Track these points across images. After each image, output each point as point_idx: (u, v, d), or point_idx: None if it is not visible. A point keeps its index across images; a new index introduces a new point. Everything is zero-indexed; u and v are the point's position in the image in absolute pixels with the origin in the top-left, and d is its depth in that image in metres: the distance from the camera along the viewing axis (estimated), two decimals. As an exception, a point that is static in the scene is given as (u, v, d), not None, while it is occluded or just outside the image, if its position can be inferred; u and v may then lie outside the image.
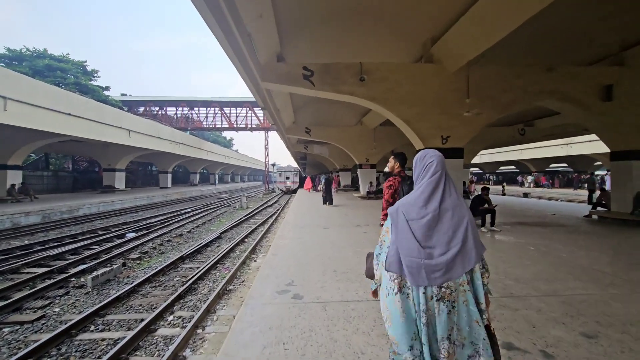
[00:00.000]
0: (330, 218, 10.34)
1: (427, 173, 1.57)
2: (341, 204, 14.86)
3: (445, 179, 1.56)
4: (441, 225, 1.47)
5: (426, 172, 1.58)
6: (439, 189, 1.53)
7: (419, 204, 1.51)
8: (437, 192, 1.52)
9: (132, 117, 22.54)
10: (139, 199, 23.67)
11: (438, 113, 8.45)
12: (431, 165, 1.58)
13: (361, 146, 18.67)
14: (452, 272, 1.42)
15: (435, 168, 1.57)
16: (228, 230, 12.44)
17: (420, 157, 1.68)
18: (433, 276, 1.42)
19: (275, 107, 11.48)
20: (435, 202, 1.49)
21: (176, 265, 7.72)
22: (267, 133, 38.46)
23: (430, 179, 1.54)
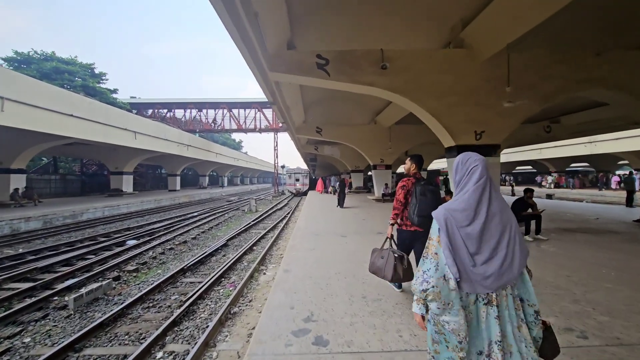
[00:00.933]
0: (346, 224, 9.38)
1: (472, 178, 1.55)
2: (356, 207, 13.88)
3: (490, 183, 1.54)
4: (489, 231, 1.47)
5: (470, 177, 1.56)
6: (486, 194, 1.51)
7: (467, 210, 1.50)
8: (484, 197, 1.51)
9: (138, 118, 21.95)
10: (145, 202, 23.06)
11: (470, 105, 7.43)
12: (476, 170, 1.56)
13: (375, 146, 17.65)
14: (505, 277, 1.43)
15: (481, 173, 1.55)
16: (235, 237, 11.56)
17: (462, 161, 1.65)
18: (484, 283, 1.43)
19: (285, 103, 10.58)
20: (484, 208, 1.49)
21: (175, 279, 6.85)
22: (277, 134, 37.70)
23: (477, 184, 1.52)
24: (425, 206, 3.20)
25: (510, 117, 7.49)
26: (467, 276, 1.44)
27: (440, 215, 1.54)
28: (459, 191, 1.59)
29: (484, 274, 1.42)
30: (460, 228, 1.48)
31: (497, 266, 1.42)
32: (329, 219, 10.52)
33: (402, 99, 7.60)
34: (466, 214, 1.49)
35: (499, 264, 1.42)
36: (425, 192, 3.28)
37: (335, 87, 7.94)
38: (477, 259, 1.44)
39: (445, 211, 1.54)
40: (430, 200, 3.21)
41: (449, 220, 1.51)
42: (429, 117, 7.61)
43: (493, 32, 6.65)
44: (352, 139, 17.80)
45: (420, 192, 3.30)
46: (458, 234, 1.48)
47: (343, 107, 16.82)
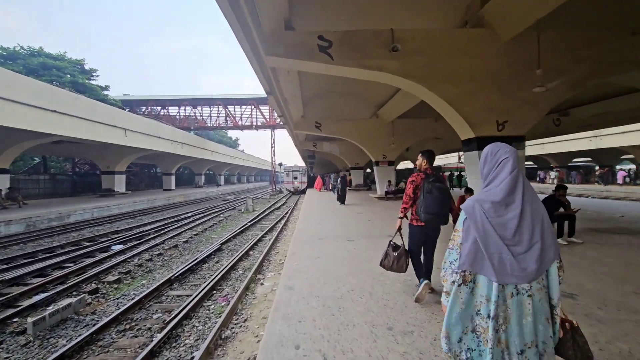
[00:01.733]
0: (350, 225, 8.56)
1: (503, 170, 1.52)
2: (358, 206, 13.07)
3: (522, 175, 1.52)
4: (523, 222, 1.44)
5: (501, 169, 1.53)
6: (519, 185, 1.49)
7: (500, 202, 1.48)
8: (518, 188, 1.49)
9: (128, 115, 21.00)
10: (138, 202, 22.15)
11: (491, 92, 6.61)
12: (507, 162, 1.53)
13: (377, 141, 16.82)
14: (541, 269, 1.41)
15: (513, 165, 1.52)
16: (230, 240, 10.72)
17: (491, 152, 1.61)
18: (522, 274, 1.40)
19: (283, 95, 9.73)
20: (518, 199, 1.47)
21: (160, 292, 6.01)
22: (274, 131, 36.82)
23: (510, 175, 1.49)
24: (431, 204, 3.26)
25: (536, 105, 6.68)
26: (497, 267, 1.42)
27: (469, 206, 1.53)
28: (489, 183, 1.57)
29: (522, 265, 1.41)
30: (492, 219, 1.46)
31: (535, 257, 1.41)
32: (331, 219, 9.70)
33: (414, 86, 6.77)
34: (499, 205, 1.47)
35: (537, 255, 1.41)
36: (432, 190, 3.29)
37: (340, 73, 7.09)
38: (514, 249, 1.43)
39: (474, 203, 1.53)
40: (436, 198, 3.26)
41: (477, 210, 1.50)
42: (445, 106, 6.78)
43: (518, 7, 5.83)
44: (353, 134, 16.96)
45: (427, 189, 3.30)
46: (490, 226, 1.46)
47: (343, 101, 15.99)
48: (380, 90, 13.83)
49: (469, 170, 7.25)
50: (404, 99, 13.01)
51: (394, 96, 13.42)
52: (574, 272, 4.25)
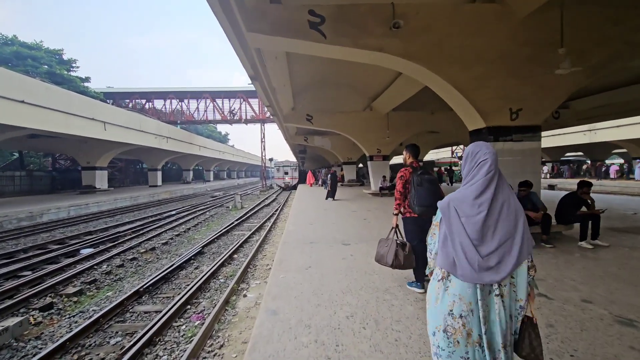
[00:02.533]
0: (345, 225, 7.78)
1: (481, 170, 1.54)
2: (351, 202, 12.31)
3: (498, 176, 1.55)
4: (491, 222, 1.47)
5: (479, 169, 1.55)
6: (492, 186, 1.51)
7: (472, 201, 1.51)
8: (489, 190, 1.51)
9: (108, 107, 19.80)
10: (120, 200, 21.03)
11: (504, 76, 5.86)
12: (485, 163, 1.54)
13: (371, 135, 16.03)
14: (504, 269, 1.43)
15: (490, 167, 1.53)
16: (214, 241, 9.86)
17: (472, 152, 1.63)
18: (486, 273, 1.43)
19: (270, 83, 8.82)
20: (490, 200, 1.49)
21: (125, 307, 5.15)
22: (264, 125, 35.71)
23: (485, 177, 1.52)
24: (423, 195, 3.32)
25: (553, 91, 5.96)
26: (463, 265, 1.46)
27: (444, 204, 1.59)
28: (467, 182, 1.59)
29: (489, 264, 1.44)
30: (464, 217, 1.51)
31: (501, 257, 1.44)
32: (324, 218, 8.90)
33: (418, 69, 5.97)
34: (471, 204, 1.51)
35: (504, 255, 1.44)
36: (422, 182, 3.36)
37: (333, 55, 6.24)
38: (482, 249, 1.46)
39: (449, 201, 1.59)
40: (428, 190, 3.33)
41: (451, 208, 1.55)
42: (452, 92, 6.01)
43: (537, -22, 5.07)
44: (346, 127, 16.14)
45: (417, 182, 3.38)
46: (459, 222, 1.51)
47: (336, 93, 15.18)
48: (374, 81, 13.06)
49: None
50: (399, 90, 12.28)
51: (389, 87, 12.66)
52: (620, 287, 3.55)
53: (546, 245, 5.22)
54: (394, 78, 11.47)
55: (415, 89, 11.53)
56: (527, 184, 5.33)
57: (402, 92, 12.18)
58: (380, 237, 3.78)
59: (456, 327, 1.46)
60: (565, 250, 5.06)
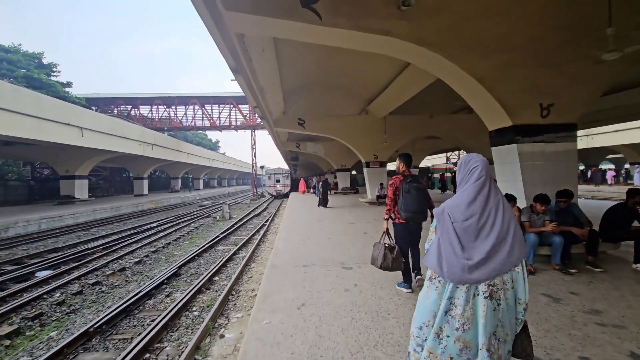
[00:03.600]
0: (344, 242, 6.72)
1: (472, 177, 1.65)
2: (349, 213, 11.26)
3: (489, 182, 1.64)
4: (486, 226, 1.54)
5: (470, 176, 1.66)
6: (483, 192, 1.60)
7: (463, 206, 1.60)
8: (481, 195, 1.59)
9: (85, 112, 18.48)
10: (100, 211, 19.68)
11: (534, 65, 4.93)
12: (475, 170, 1.65)
13: (368, 140, 15.08)
14: (496, 270, 1.48)
15: (480, 173, 1.64)
16: (195, 258, 8.71)
17: (464, 162, 1.75)
18: (473, 275, 1.49)
19: (257, 79, 7.76)
20: (479, 205, 1.57)
21: (65, 357, 4.01)
22: (254, 132, 34.65)
23: (475, 183, 1.62)
24: (410, 202, 3.52)
25: (589, 84, 5.06)
26: (456, 268, 1.52)
27: (439, 211, 1.70)
28: (460, 189, 1.70)
29: (474, 266, 1.49)
30: (456, 223, 1.59)
31: (491, 259, 1.49)
32: (319, 233, 7.84)
33: (431, 58, 5.00)
34: (463, 209, 1.59)
35: (494, 257, 1.49)
36: (410, 190, 3.54)
37: (330, 41, 5.24)
38: (473, 252, 1.52)
39: (444, 206, 1.68)
40: (414, 197, 3.52)
41: (445, 214, 1.65)
42: (470, 83, 5.06)
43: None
44: (341, 132, 15.17)
45: (406, 189, 3.57)
46: (452, 227, 1.59)
47: (329, 96, 14.26)
48: (371, 82, 12.19)
49: (500, 170, 5.53)
50: (397, 92, 11.44)
51: (386, 88, 11.80)
52: None
53: (594, 269, 4.24)
54: (392, 78, 10.61)
55: (414, 91, 10.69)
56: (567, 194, 4.37)
57: (401, 94, 11.34)
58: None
59: (441, 325, 1.55)
60: (619, 275, 4.09)
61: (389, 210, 3.77)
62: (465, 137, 15.53)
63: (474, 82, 4.96)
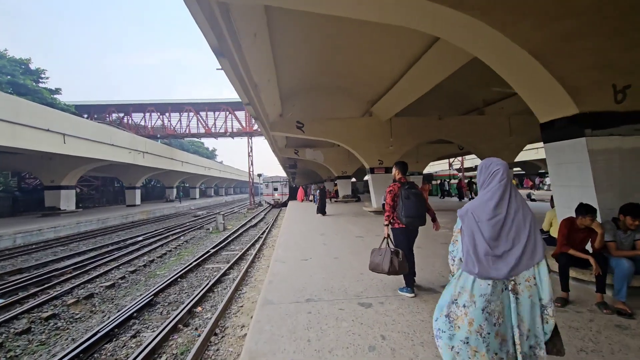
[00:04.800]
0: (355, 263, 5.48)
1: (494, 179, 1.73)
2: (354, 225, 10.03)
3: (510, 184, 1.71)
4: (508, 225, 1.63)
5: (492, 179, 1.74)
6: (506, 193, 1.68)
7: (489, 207, 1.68)
8: (505, 196, 1.68)
9: (68, 117, 17.24)
10: (85, 223, 18.37)
11: (604, 35, 3.76)
12: (497, 173, 1.73)
13: (372, 144, 13.90)
14: (518, 267, 1.58)
15: (502, 175, 1.71)
16: (178, 281, 7.45)
17: (485, 165, 1.81)
18: (501, 271, 1.59)
19: (248, 70, 6.60)
20: (504, 206, 1.66)
21: None
22: (251, 139, 33.52)
23: (498, 184, 1.70)
24: (410, 208, 3.62)
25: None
26: (483, 264, 1.61)
27: (462, 212, 1.78)
28: (482, 190, 1.77)
29: (500, 262, 1.60)
30: (481, 222, 1.67)
31: (514, 257, 1.59)
32: (323, 250, 6.61)
33: (470, 25, 3.83)
34: (488, 209, 1.67)
35: (518, 255, 1.59)
36: (409, 196, 3.66)
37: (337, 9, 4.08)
38: (497, 249, 1.61)
39: (468, 207, 1.77)
40: (414, 203, 3.63)
41: (469, 215, 1.73)
42: (522, 59, 3.88)
43: None
44: (342, 136, 14.00)
45: (405, 195, 3.67)
46: (477, 228, 1.67)
47: (330, 97, 13.29)
48: (375, 81, 11.13)
49: (557, 173, 4.28)
50: (404, 91, 10.41)
51: (392, 87, 10.71)
52: None
53: None
54: (400, 75, 9.55)
55: (425, 88, 9.65)
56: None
57: (409, 92, 10.29)
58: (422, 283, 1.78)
59: (458, 315, 1.65)
60: None
61: (388, 217, 3.84)
62: (477, 140, 14.42)
63: (525, 57, 3.79)
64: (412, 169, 23.52)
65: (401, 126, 13.64)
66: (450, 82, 9.70)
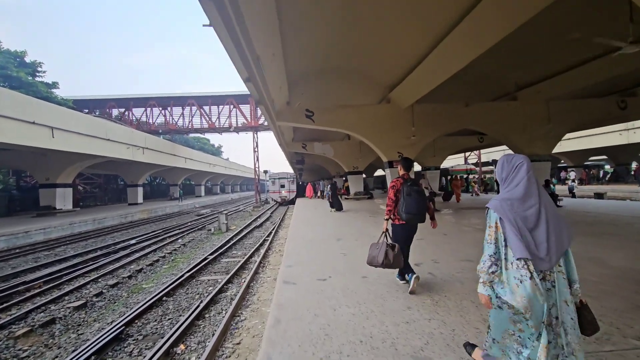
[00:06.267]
0: (392, 286, 4.01)
1: (519, 172, 1.78)
2: (372, 224, 8.49)
3: (534, 177, 1.77)
4: (541, 215, 1.67)
5: (517, 172, 1.79)
6: (534, 184, 1.74)
7: (521, 198, 1.72)
8: (533, 187, 1.73)
9: (56, 109, 15.84)
10: (79, 224, 17.14)
11: None
12: (522, 166, 1.79)
13: (390, 135, 12.36)
14: (558, 254, 1.64)
15: (527, 168, 1.78)
16: (164, 300, 6.03)
17: (507, 160, 1.87)
18: (546, 259, 1.63)
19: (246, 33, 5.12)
20: (535, 196, 1.71)
21: None
22: (257, 134, 32.08)
23: (525, 177, 1.75)
24: (411, 204, 3.56)
25: None
26: (533, 254, 1.63)
27: (497, 205, 1.76)
28: (508, 184, 1.81)
29: (544, 251, 1.63)
30: (517, 213, 1.68)
31: (553, 244, 1.63)
32: (344, 264, 5.12)
33: None
34: (522, 200, 1.71)
35: (554, 242, 1.63)
36: (411, 193, 3.59)
37: None
38: (537, 239, 1.65)
39: (500, 201, 1.77)
40: (415, 199, 3.57)
41: (505, 208, 1.72)
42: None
43: None
44: (357, 125, 12.46)
45: (407, 192, 3.60)
46: (518, 218, 1.68)
47: (342, 83, 11.75)
48: (394, 63, 9.70)
49: None
50: (430, 72, 9.00)
51: (415, 69, 9.20)
52: None
53: None
54: (424, 54, 8.08)
55: (454, 68, 8.15)
56: None
57: (435, 74, 8.88)
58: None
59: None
60: None
61: (389, 212, 3.78)
62: (508, 129, 12.77)
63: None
64: (429, 163, 21.84)
65: (424, 114, 12.10)
66: (478, 62, 8.16)
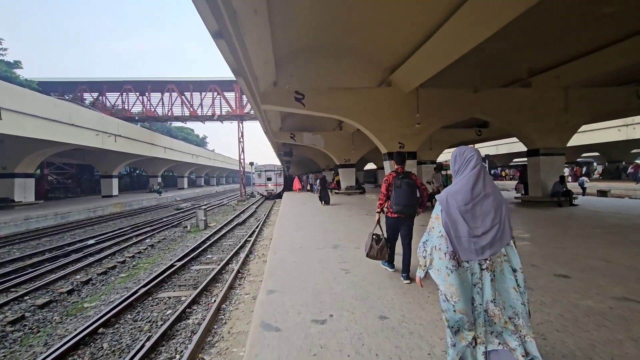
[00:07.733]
0: (422, 332, 2.57)
1: (468, 166, 1.83)
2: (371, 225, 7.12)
3: (484, 170, 1.82)
4: (484, 208, 1.75)
5: (467, 165, 1.84)
6: (480, 178, 1.79)
7: (465, 192, 1.77)
8: (479, 181, 1.79)
9: (5, 86, 13.65)
10: (36, 219, 15.16)
11: None
12: (471, 159, 1.83)
13: (391, 122, 10.88)
14: (495, 247, 1.72)
15: (476, 162, 1.82)
16: (98, 334, 4.46)
17: (459, 153, 1.92)
18: (482, 251, 1.71)
19: None
20: (479, 190, 1.77)
21: None
22: (242, 123, 30.21)
23: (472, 171, 1.80)
24: (400, 196, 3.69)
25: None
26: (464, 247, 1.73)
27: (442, 198, 1.83)
28: (458, 177, 1.86)
29: (480, 244, 1.72)
30: (459, 207, 1.75)
31: (490, 238, 1.72)
32: (349, 287, 3.69)
33: None
34: (464, 194, 1.77)
35: (492, 236, 1.72)
36: (401, 185, 3.70)
37: None
38: (475, 231, 1.72)
39: (446, 194, 1.84)
40: (404, 192, 3.68)
41: (449, 201, 1.80)
42: None
43: None
44: (353, 111, 10.92)
45: (397, 185, 3.73)
46: (457, 212, 1.75)
47: (337, 63, 10.23)
48: (396, 41, 8.26)
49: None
50: (438, 51, 7.62)
51: (420, 47, 7.78)
52: None
53: None
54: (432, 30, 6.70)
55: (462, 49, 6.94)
56: None
57: (441, 54, 7.54)
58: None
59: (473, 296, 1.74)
60: None
61: (381, 204, 3.93)
62: (520, 119, 11.49)
63: None
64: (426, 157, 20.57)
65: (430, 100, 10.66)
66: (490, 43, 6.82)
